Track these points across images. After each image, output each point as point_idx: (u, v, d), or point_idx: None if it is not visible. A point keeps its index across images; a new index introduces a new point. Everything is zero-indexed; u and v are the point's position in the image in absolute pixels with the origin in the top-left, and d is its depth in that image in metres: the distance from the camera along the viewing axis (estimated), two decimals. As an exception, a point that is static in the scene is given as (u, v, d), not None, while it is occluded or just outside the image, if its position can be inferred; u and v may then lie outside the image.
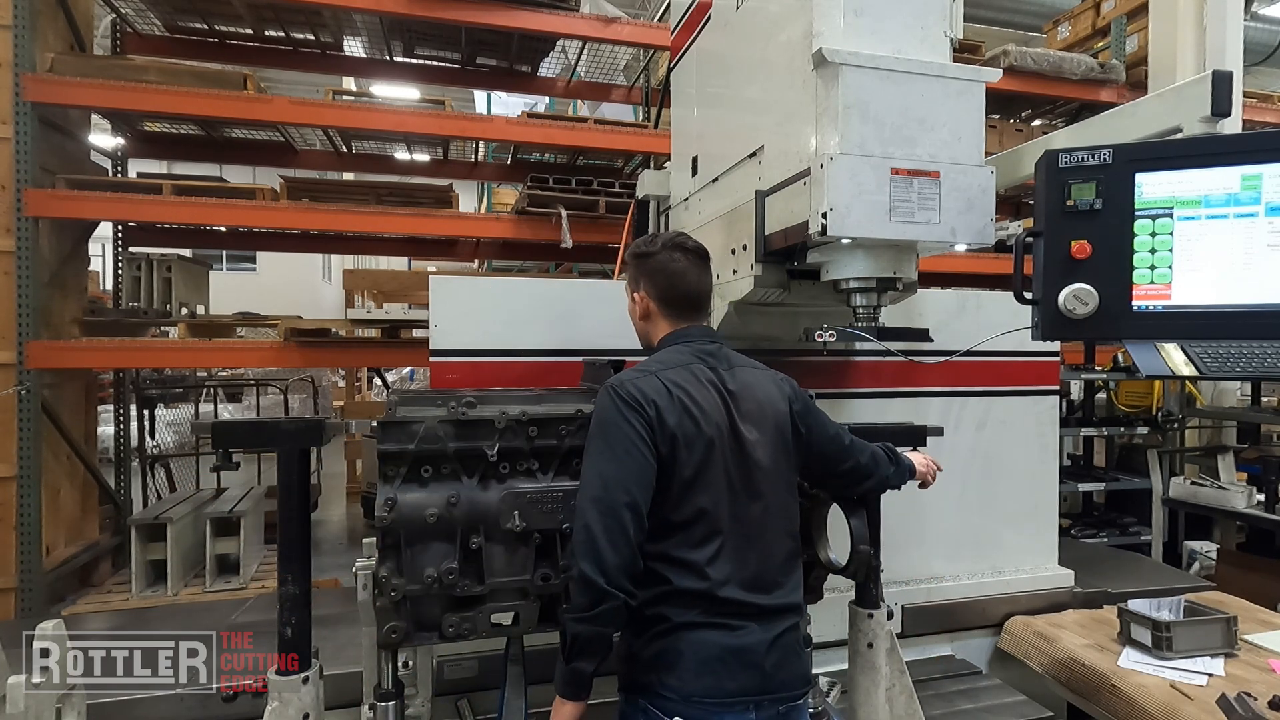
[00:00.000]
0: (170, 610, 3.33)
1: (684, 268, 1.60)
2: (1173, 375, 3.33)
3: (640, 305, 1.64)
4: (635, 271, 1.65)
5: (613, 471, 1.35)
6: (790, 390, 1.61)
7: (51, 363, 3.85)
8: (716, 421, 1.45)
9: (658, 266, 1.60)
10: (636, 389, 1.42)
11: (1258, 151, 1.58)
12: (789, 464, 1.55)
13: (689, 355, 1.53)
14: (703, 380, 1.48)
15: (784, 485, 1.53)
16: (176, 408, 6.81)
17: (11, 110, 3.74)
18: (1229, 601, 2.67)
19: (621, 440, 1.37)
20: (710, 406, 1.45)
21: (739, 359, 1.61)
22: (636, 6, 10.30)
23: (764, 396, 1.54)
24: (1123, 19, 5.43)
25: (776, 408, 1.55)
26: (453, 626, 1.54)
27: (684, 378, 1.47)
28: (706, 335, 1.60)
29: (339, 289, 12.45)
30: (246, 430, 1.68)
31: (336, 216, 4.52)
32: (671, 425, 1.39)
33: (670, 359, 1.52)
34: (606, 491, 1.34)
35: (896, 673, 1.88)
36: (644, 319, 1.65)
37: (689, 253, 1.62)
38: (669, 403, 1.41)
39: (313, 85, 10.23)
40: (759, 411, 1.51)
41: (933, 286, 2.77)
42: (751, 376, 1.57)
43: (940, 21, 1.87)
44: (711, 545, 1.41)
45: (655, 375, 1.45)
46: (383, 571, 1.49)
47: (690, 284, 1.61)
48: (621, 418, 1.38)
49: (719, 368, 1.53)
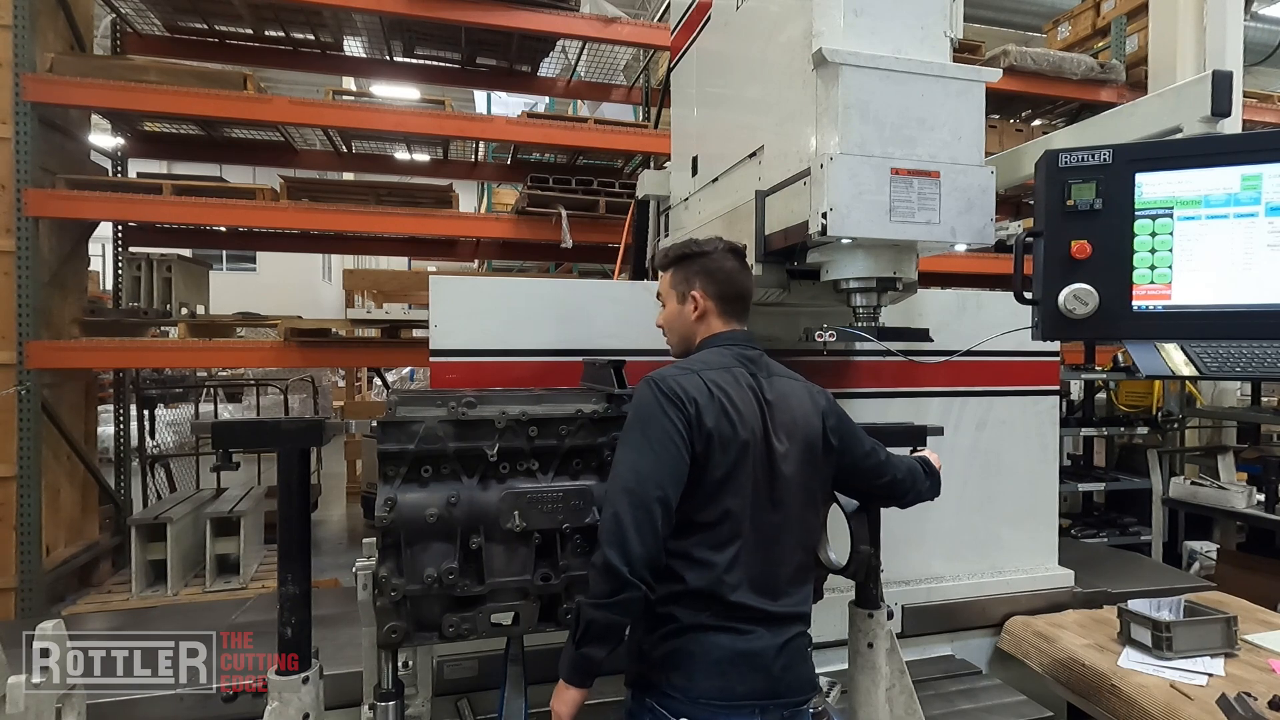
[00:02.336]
0: (170, 610, 3.33)
1: (738, 268, 1.64)
2: (1173, 375, 3.33)
3: (699, 304, 1.62)
4: (688, 272, 1.64)
5: (648, 464, 1.36)
6: (825, 404, 1.61)
7: (51, 363, 3.85)
8: (752, 427, 1.45)
9: (716, 266, 1.61)
10: (679, 385, 1.42)
11: (1258, 151, 1.58)
12: (815, 478, 1.55)
13: (731, 358, 1.54)
14: (742, 384, 1.49)
15: (806, 498, 1.53)
16: (176, 408, 6.82)
17: (11, 110, 3.74)
18: (1229, 601, 2.66)
19: (659, 434, 1.38)
20: (748, 411, 1.46)
21: (778, 368, 1.61)
22: (636, 6, 10.30)
23: (798, 408, 1.54)
24: (1123, 19, 5.43)
25: (809, 421, 1.55)
26: (453, 626, 1.54)
27: (725, 379, 1.48)
28: (748, 341, 1.61)
29: (339, 289, 12.45)
30: (246, 430, 1.68)
31: (336, 216, 4.52)
32: (709, 425, 1.40)
33: (712, 360, 1.53)
34: (640, 484, 1.34)
35: (896, 673, 1.88)
36: (699, 319, 1.63)
37: (740, 256, 1.66)
38: (709, 402, 1.41)
39: (313, 85, 10.22)
40: (792, 423, 1.52)
41: (933, 286, 2.77)
42: (788, 387, 1.57)
43: (940, 21, 1.87)
44: (730, 549, 1.41)
45: (698, 374, 1.46)
46: (383, 571, 1.49)
47: (747, 285, 1.64)
48: (661, 411, 1.39)
49: (759, 374, 1.54)
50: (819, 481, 1.57)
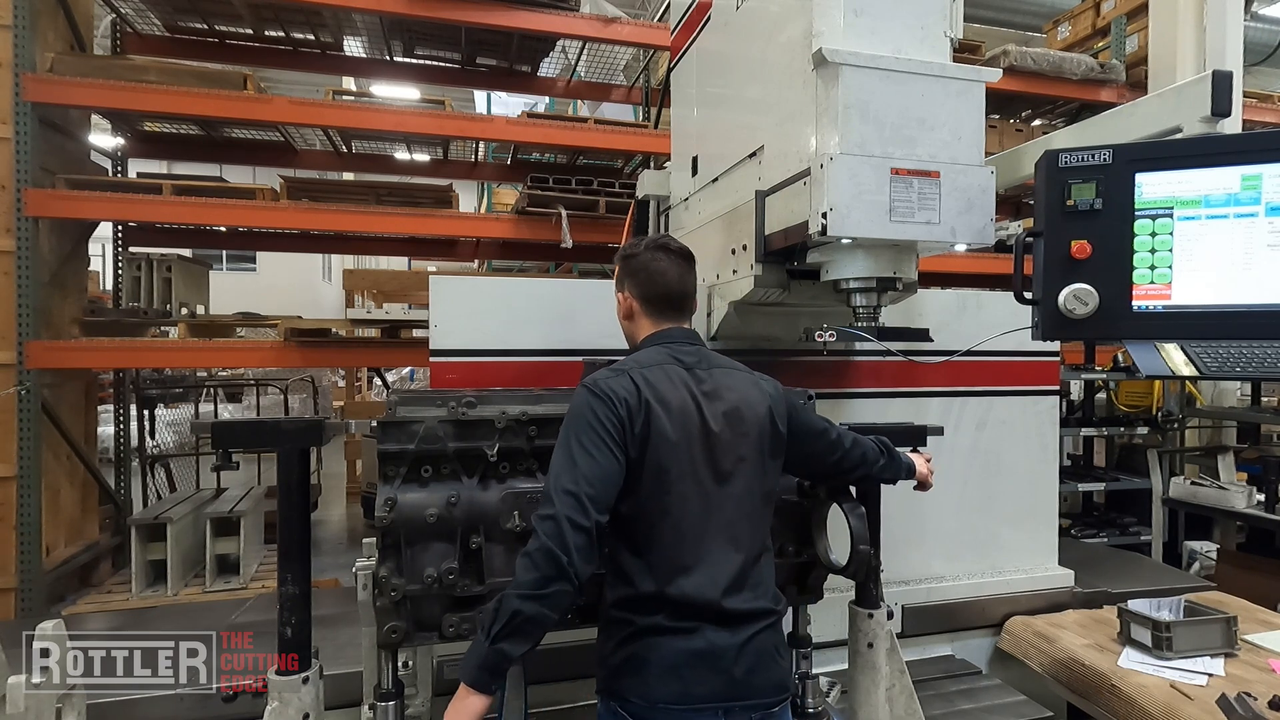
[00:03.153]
0: (170, 610, 3.33)
1: (665, 267, 1.60)
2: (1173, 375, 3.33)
3: (624, 305, 1.64)
4: (620, 272, 1.66)
5: (584, 465, 1.34)
6: (772, 390, 1.59)
7: (51, 363, 3.85)
8: (685, 423, 1.44)
9: (640, 266, 1.61)
10: (609, 386, 1.42)
11: (1258, 151, 1.58)
12: (764, 467, 1.53)
13: (665, 355, 1.53)
14: (675, 381, 1.48)
15: (757, 488, 1.51)
16: (176, 408, 6.82)
17: (11, 110, 3.74)
18: (1229, 601, 2.66)
19: (592, 437, 1.37)
20: (680, 407, 1.44)
21: (719, 360, 1.59)
22: (636, 6, 10.30)
23: (741, 398, 1.52)
24: (1123, 19, 5.43)
25: (754, 410, 1.53)
26: (453, 626, 1.54)
27: (657, 377, 1.46)
28: (687, 337, 1.60)
29: (339, 289, 12.45)
30: (246, 430, 1.68)
31: (336, 216, 4.52)
32: (640, 424, 1.40)
33: (646, 358, 1.52)
34: (576, 484, 1.33)
35: (896, 673, 1.88)
36: (627, 318, 1.65)
37: (672, 253, 1.62)
38: (637, 402, 1.41)
39: (313, 85, 10.22)
40: (734, 413, 1.50)
41: (933, 286, 2.77)
42: (730, 378, 1.55)
43: (940, 21, 1.87)
44: (677, 548, 1.41)
45: (628, 374, 1.45)
46: (383, 571, 1.49)
47: (671, 283, 1.60)
48: (593, 414, 1.39)
49: (696, 368, 1.52)
50: (769, 470, 1.54)
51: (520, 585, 1.28)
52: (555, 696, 2.12)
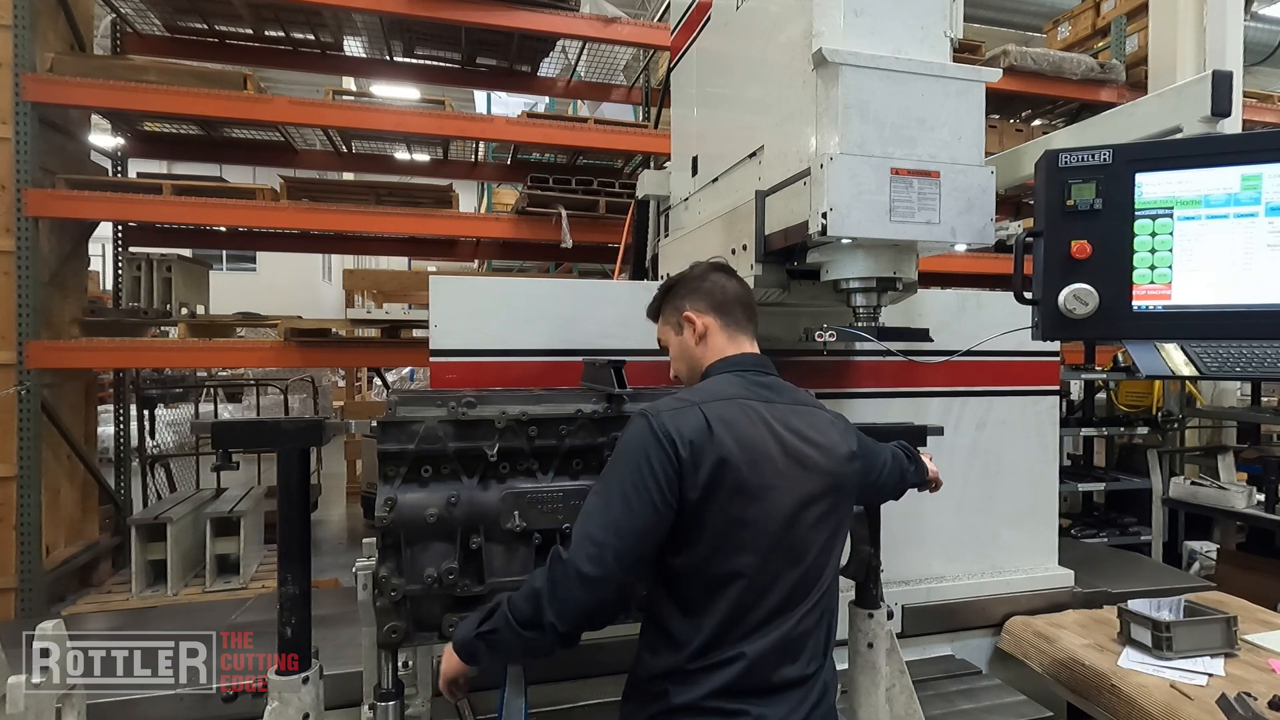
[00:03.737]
0: (170, 610, 3.33)
1: (726, 277, 1.55)
2: (1173, 375, 3.33)
3: (697, 326, 1.46)
4: (677, 297, 1.53)
5: (619, 514, 1.20)
6: (843, 427, 1.45)
7: (51, 363, 3.85)
8: (765, 469, 1.25)
9: (701, 281, 1.52)
10: (672, 426, 1.23)
11: (1258, 151, 1.58)
12: (840, 517, 1.36)
13: (741, 386, 1.35)
14: (754, 419, 1.29)
15: (832, 543, 1.35)
16: (176, 408, 6.82)
17: (11, 110, 3.74)
18: (1229, 601, 2.66)
19: (638, 481, 1.21)
20: (761, 450, 1.26)
21: (798, 394, 1.44)
22: (636, 6, 10.30)
23: (827, 441, 1.35)
24: (1123, 19, 5.43)
25: (838, 453, 1.36)
26: (452, 626, 1.53)
27: (732, 414, 1.28)
28: (760, 365, 1.44)
29: (339, 289, 12.46)
30: (246, 430, 1.68)
31: (336, 216, 4.52)
32: (707, 469, 1.21)
33: (718, 388, 1.34)
34: (604, 531, 1.19)
35: (896, 673, 1.88)
36: (700, 341, 1.47)
37: (726, 269, 1.60)
38: (707, 442, 1.22)
39: (313, 85, 10.22)
40: (819, 457, 1.32)
41: (933, 286, 2.77)
42: (812, 418, 1.38)
43: (940, 21, 1.87)
44: (743, 614, 1.23)
45: (699, 407, 1.26)
46: (383, 571, 1.49)
47: (741, 291, 1.53)
48: (646, 458, 1.21)
49: (777, 401, 1.35)
50: (845, 520, 1.40)
51: (514, 608, 1.24)
52: (555, 696, 2.12)
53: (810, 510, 1.30)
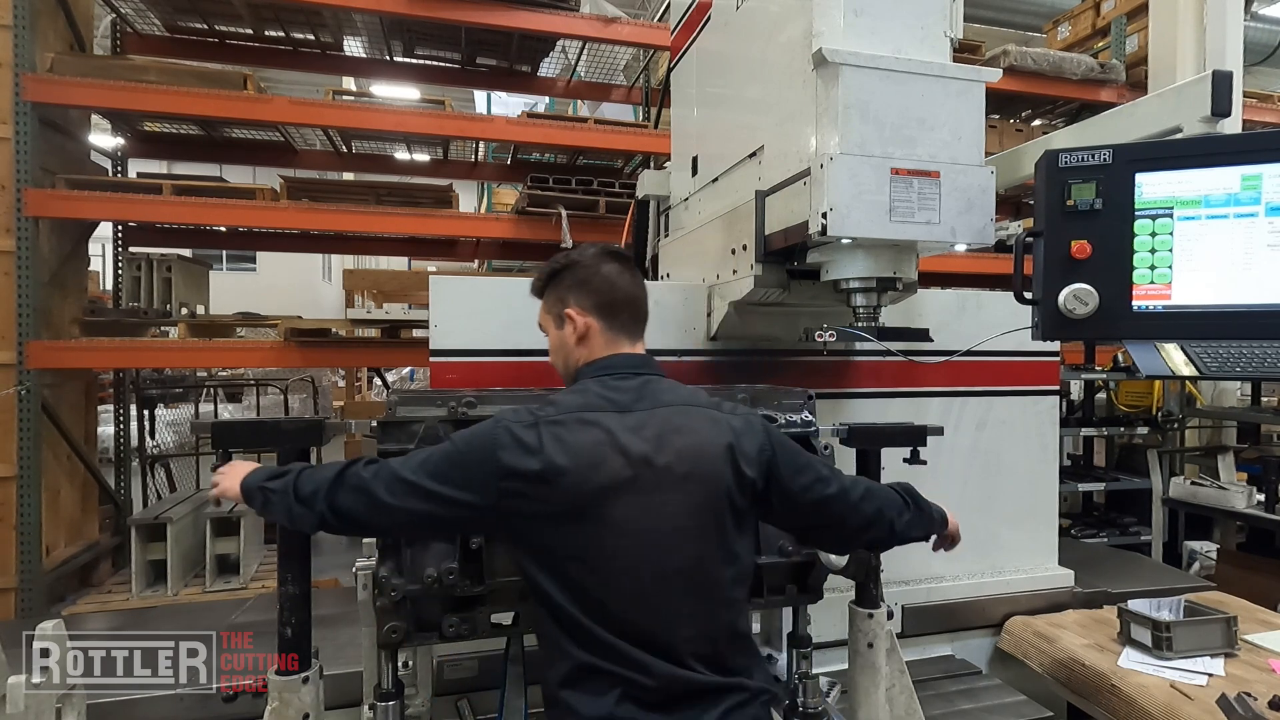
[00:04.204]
0: (170, 610, 3.33)
1: (618, 270, 1.41)
2: (1173, 375, 3.33)
3: (578, 325, 1.39)
4: (563, 288, 1.42)
5: (429, 487, 1.23)
6: (742, 425, 1.33)
7: (51, 363, 3.85)
8: (601, 479, 1.22)
9: (590, 274, 1.40)
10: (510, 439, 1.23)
11: (1258, 151, 1.58)
12: (720, 526, 1.28)
13: (596, 396, 1.30)
14: (596, 431, 1.25)
15: (712, 556, 1.27)
16: (176, 408, 6.82)
17: (11, 110, 3.74)
18: (1229, 601, 2.66)
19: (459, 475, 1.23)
20: (594, 462, 1.22)
21: (671, 394, 1.34)
22: (636, 6, 10.30)
23: (692, 444, 1.27)
24: (1123, 19, 5.43)
25: (708, 456, 1.27)
26: (453, 626, 1.54)
27: (571, 429, 1.24)
28: (633, 365, 1.36)
29: (339, 289, 12.46)
30: (246, 430, 1.68)
31: (336, 216, 4.52)
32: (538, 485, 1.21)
33: (570, 401, 1.30)
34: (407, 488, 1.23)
35: (896, 673, 1.88)
36: (579, 342, 1.40)
37: (620, 258, 1.44)
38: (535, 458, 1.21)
39: (313, 85, 10.22)
40: (678, 464, 1.25)
41: (933, 286, 2.77)
42: (682, 418, 1.30)
43: (940, 21, 1.87)
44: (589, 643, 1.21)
45: (539, 427, 1.24)
46: (383, 571, 1.49)
47: (631, 288, 1.41)
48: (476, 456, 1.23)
49: (634, 408, 1.29)
50: (727, 530, 1.29)
51: (300, 480, 1.29)
52: (555, 696, 2.12)
53: (668, 521, 1.24)
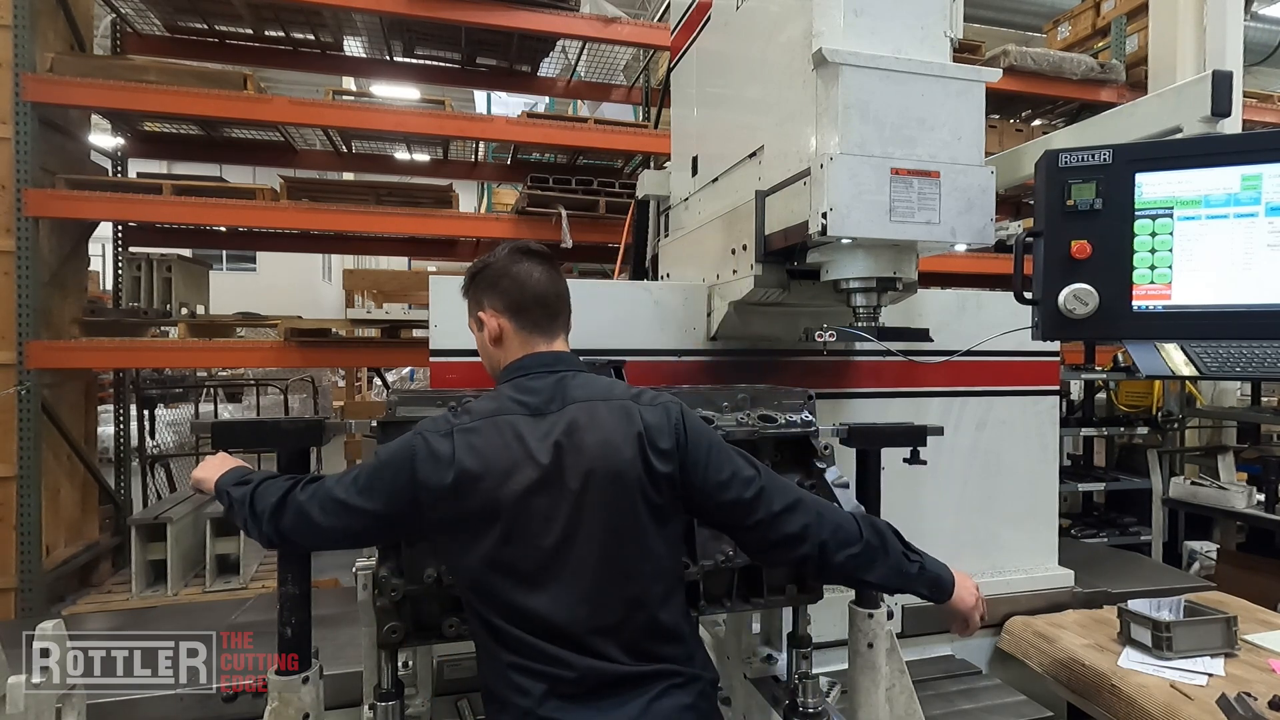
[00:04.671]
0: (170, 610, 3.33)
1: (530, 269, 1.41)
2: (1173, 375, 3.33)
3: (490, 327, 1.41)
4: (478, 290, 1.44)
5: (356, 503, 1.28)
6: (655, 419, 1.30)
7: (51, 363, 3.85)
8: (512, 484, 1.24)
9: (500, 273, 1.40)
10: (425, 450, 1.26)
11: (1258, 151, 1.58)
12: (631, 522, 1.27)
13: (508, 399, 1.32)
14: (509, 437, 1.27)
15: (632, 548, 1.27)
16: (176, 408, 6.82)
17: (11, 110, 3.74)
18: (1229, 601, 2.66)
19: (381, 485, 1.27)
20: (505, 467, 1.25)
21: (584, 391, 1.33)
22: (636, 6, 10.31)
23: (597, 441, 1.27)
24: (1123, 19, 5.43)
25: (613, 449, 1.26)
26: (453, 626, 1.53)
27: (483, 435, 1.27)
28: (546, 364, 1.37)
29: (339, 289, 12.46)
30: (246, 430, 1.68)
31: (336, 216, 4.52)
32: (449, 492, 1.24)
33: (484, 406, 1.32)
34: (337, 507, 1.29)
35: (896, 673, 1.88)
36: (496, 344, 1.42)
37: (535, 255, 1.43)
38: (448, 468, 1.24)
39: (313, 85, 10.22)
40: (585, 462, 1.25)
41: (933, 286, 2.77)
42: (590, 414, 1.29)
43: (940, 21, 1.87)
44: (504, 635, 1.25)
45: (453, 435, 1.27)
46: (383, 571, 1.49)
47: (543, 286, 1.41)
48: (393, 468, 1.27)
49: (546, 409, 1.30)
50: (641, 525, 1.28)
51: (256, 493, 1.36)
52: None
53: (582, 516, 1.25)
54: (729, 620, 2.08)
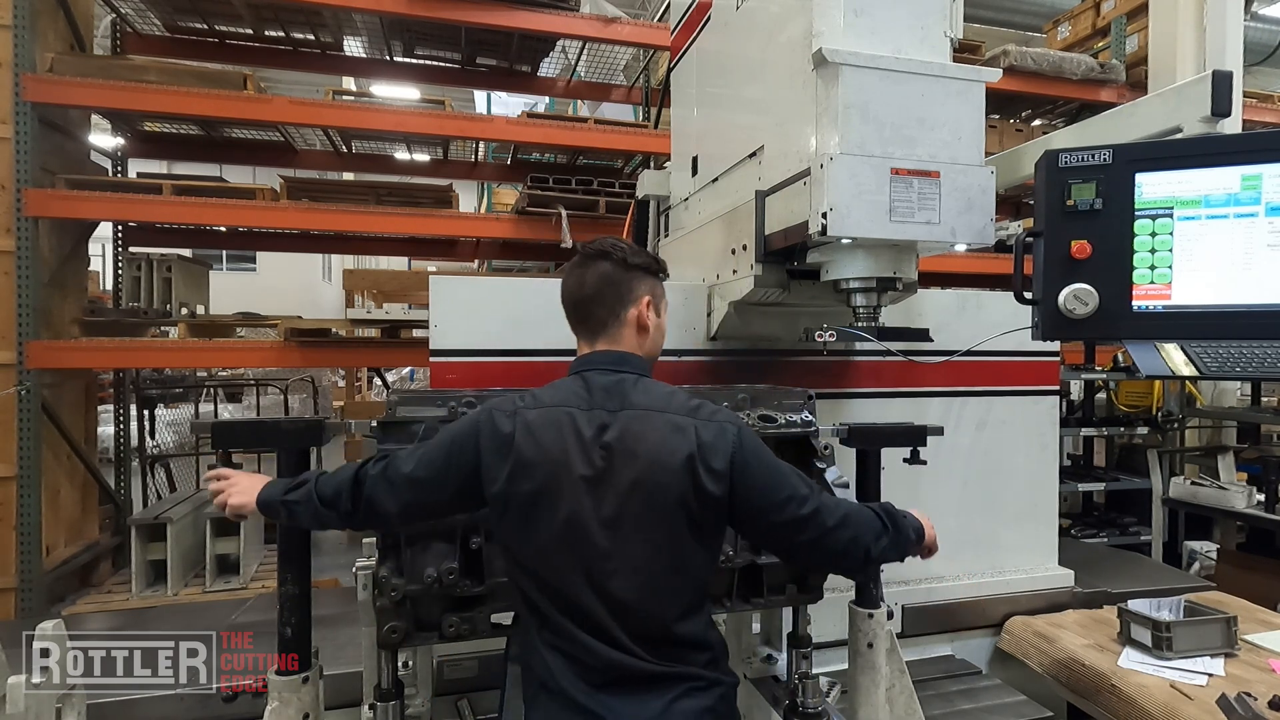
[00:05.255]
0: (170, 610, 3.33)
1: (569, 271, 1.45)
2: (1173, 375, 3.33)
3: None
4: None
5: (423, 477, 1.35)
6: (710, 437, 1.29)
7: (51, 363, 3.85)
8: (560, 473, 1.27)
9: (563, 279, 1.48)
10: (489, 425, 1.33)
11: (1258, 151, 1.58)
12: (680, 531, 1.28)
13: (570, 391, 1.35)
14: (567, 432, 1.30)
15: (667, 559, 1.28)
16: (176, 408, 6.82)
17: (11, 110, 3.74)
18: (1229, 601, 2.66)
19: (448, 459, 1.34)
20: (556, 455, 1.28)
21: (644, 398, 1.34)
22: (636, 6, 10.31)
23: (645, 452, 1.27)
24: (1123, 19, 5.43)
25: (665, 465, 1.26)
26: (453, 626, 1.54)
27: (543, 419, 1.31)
28: (611, 363, 1.39)
29: (339, 289, 12.46)
30: (246, 430, 1.68)
31: (336, 216, 4.52)
32: (506, 469, 1.29)
33: (548, 395, 1.36)
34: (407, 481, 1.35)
35: (896, 673, 1.88)
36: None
37: (581, 257, 1.45)
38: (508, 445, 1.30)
39: (313, 85, 10.23)
40: (631, 470, 1.27)
41: (933, 286, 2.77)
42: (644, 424, 1.29)
43: (940, 21, 1.87)
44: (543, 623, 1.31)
45: (518, 414, 1.33)
46: (383, 571, 1.49)
47: (570, 290, 1.43)
48: (459, 442, 1.34)
49: (603, 407, 1.32)
50: (678, 538, 1.28)
51: (319, 487, 1.39)
52: (555, 696, 2.12)
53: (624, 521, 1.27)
54: (729, 620, 2.08)
